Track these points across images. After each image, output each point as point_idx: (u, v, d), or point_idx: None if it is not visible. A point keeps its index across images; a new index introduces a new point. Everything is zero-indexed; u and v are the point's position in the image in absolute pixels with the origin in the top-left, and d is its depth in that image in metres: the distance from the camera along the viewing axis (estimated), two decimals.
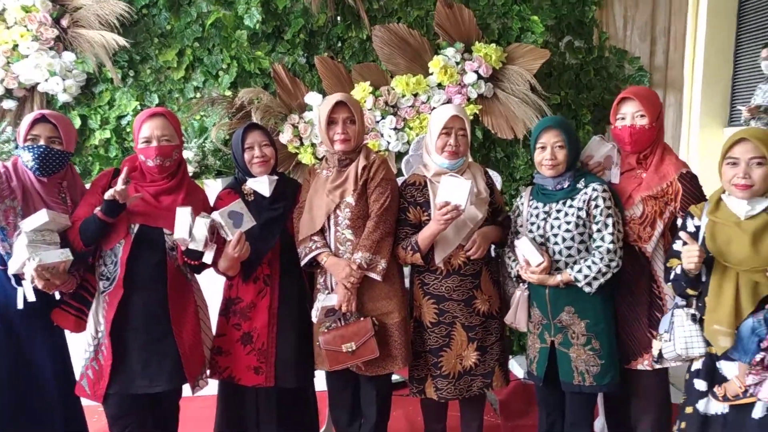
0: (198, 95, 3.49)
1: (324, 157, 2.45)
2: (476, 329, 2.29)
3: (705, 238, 1.92)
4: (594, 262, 2.09)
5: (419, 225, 2.29)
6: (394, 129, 3.43)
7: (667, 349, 2.00)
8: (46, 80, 3.30)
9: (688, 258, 1.86)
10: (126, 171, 2.09)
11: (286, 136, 3.41)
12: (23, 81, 3.30)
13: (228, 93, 3.44)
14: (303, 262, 2.28)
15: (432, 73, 3.43)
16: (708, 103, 4.15)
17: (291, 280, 2.35)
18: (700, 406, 1.94)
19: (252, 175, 2.34)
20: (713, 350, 1.91)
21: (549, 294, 2.18)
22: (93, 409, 2.43)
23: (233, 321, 2.32)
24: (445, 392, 2.30)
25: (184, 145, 2.88)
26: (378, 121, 3.42)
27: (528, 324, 2.30)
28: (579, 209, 2.14)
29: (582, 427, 2.26)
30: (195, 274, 2.30)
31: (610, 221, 2.11)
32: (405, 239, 2.27)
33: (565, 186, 2.19)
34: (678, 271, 1.96)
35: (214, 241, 2.11)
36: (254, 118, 3.28)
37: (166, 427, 2.38)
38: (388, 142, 3.44)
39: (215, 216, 2.08)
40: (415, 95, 3.44)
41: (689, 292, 1.95)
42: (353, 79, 3.45)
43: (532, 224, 2.23)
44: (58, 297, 2.20)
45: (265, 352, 2.28)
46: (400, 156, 3.47)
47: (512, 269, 2.28)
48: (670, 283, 2.03)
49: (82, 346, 2.19)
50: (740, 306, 1.84)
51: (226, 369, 2.32)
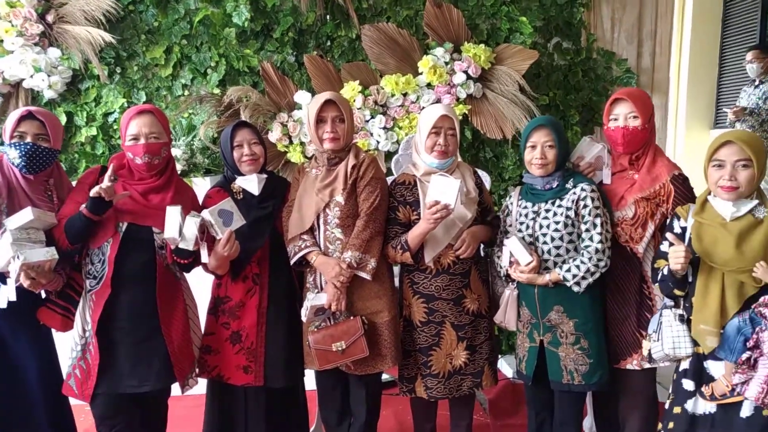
0: (186, 93, 3.46)
1: (313, 156, 2.44)
2: (466, 328, 2.30)
3: (691, 239, 1.94)
4: (582, 262, 2.11)
5: (409, 224, 2.29)
6: (384, 128, 3.43)
7: (655, 349, 2.02)
8: (32, 76, 3.25)
9: (674, 259, 1.88)
10: (113, 168, 2.07)
11: (275, 135, 3.40)
12: (8, 77, 3.25)
13: (216, 91, 3.42)
14: (292, 261, 2.27)
15: (421, 73, 3.43)
16: (694, 106, 4.20)
17: (280, 279, 2.34)
18: (689, 406, 1.96)
19: (241, 174, 2.33)
20: (700, 350, 1.93)
21: (538, 293, 2.19)
22: (80, 408, 2.41)
23: (222, 320, 2.31)
24: (434, 391, 2.31)
25: (173, 143, 2.85)
26: (367, 121, 3.42)
27: (517, 323, 2.31)
28: (568, 209, 2.15)
29: (571, 426, 2.27)
30: (184, 272, 2.29)
31: (598, 221, 2.12)
32: (394, 238, 2.28)
33: (554, 186, 2.20)
34: (665, 271, 1.98)
35: (204, 240, 2.10)
36: (243, 117, 3.25)
37: (155, 426, 2.36)
38: (378, 142, 3.44)
39: (205, 214, 2.07)
40: (405, 95, 3.43)
41: (676, 292, 1.97)
42: (342, 78, 3.44)
43: (521, 224, 2.24)
44: (44, 296, 2.17)
45: (254, 351, 2.27)
46: (389, 155, 3.47)
47: (501, 268, 2.29)
48: (658, 284, 2.05)
49: (69, 345, 2.16)
50: (726, 306, 1.86)
51: (215, 368, 2.30)
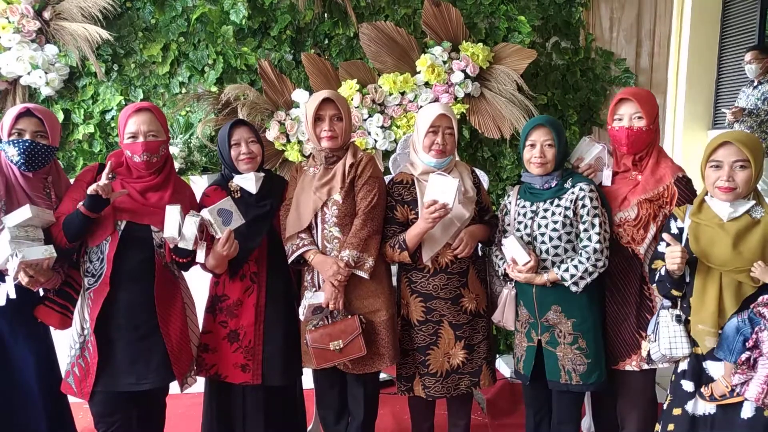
0: (183, 91, 3.46)
1: (311, 155, 2.44)
2: (463, 327, 2.30)
3: (688, 239, 1.94)
4: (581, 262, 2.11)
5: (407, 223, 2.29)
6: (381, 127, 3.43)
7: (653, 350, 2.02)
8: (29, 73, 3.25)
9: (671, 259, 1.88)
10: (110, 166, 2.06)
11: (272, 133, 3.39)
12: (5, 74, 3.25)
13: (214, 89, 3.42)
14: (290, 260, 2.27)
15: (419, 72, 3.43)
16: (692, 106, 4.20)
17: (278, 278, 2.34)
18: (689, 407, 1.95)
19: (238, 172, 2.32)
20: (699, 350, 1.93)
21: (536, 293, 2.19)
22: (78, 405, 2.40)
23: (220, 318, 2.31)
24: (432, 390, 2.31)
25: (170, 141, 2.85)
26: (365, 119, 3.42)
27: (515, 323, 2.31)
28: (566, 209, 2.15)
29: (569, 426, 2.27)
30: (182, 271, 2.28)
31: (597, 221, 2.12)
32: (392, 237, 2.27)
33: (553, 185, 2.20)
34: (662, 272, 1.98)
35: (203, 239, 2.09)
36: (240, 115, 3.25)
37: (153, 424, 2.36)
38: (375, 141, 3.44)
39: (205, 214, 2.07)
40: (403, 93, 3.44)
41: (674, 293, 1.97)
42: (340, 76, 3.44)
43: (520, 223, 2.24)
44: (42, 294, 2.16)
45: (252, 349, 2.27)
46: (387, 154, 3.47)
47: (500, 268, 2.29)
48: (655, 285, 2.05)
49: (68, 343, 2.16)
50: (724, 306, 1.86)
51: (212, 366, 2.30)
